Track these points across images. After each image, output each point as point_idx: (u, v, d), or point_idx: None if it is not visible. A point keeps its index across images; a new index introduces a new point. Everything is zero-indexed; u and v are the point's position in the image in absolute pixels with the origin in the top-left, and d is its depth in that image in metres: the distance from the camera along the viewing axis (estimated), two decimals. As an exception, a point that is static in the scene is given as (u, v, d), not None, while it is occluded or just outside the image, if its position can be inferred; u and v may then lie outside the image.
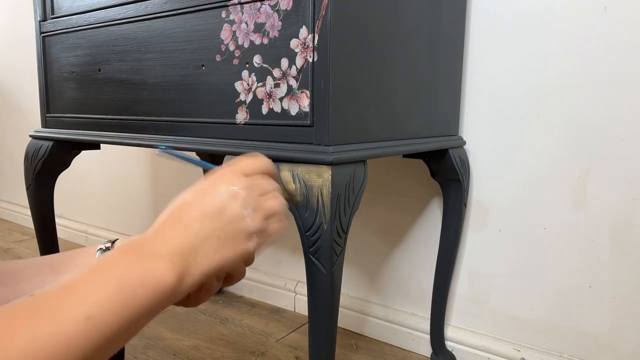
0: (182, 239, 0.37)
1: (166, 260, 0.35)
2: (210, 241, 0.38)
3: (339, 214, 0.56)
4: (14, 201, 2.17)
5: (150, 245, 0.36)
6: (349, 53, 0.59)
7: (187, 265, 0.36)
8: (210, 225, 0.38)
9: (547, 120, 0.85)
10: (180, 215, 0.39)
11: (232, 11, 0.65)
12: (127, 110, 0.82)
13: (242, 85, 0.65)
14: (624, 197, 0.80)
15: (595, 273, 0.84)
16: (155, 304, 0.33)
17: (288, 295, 1.26)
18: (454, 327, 1.01)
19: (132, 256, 0.34)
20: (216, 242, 0.38)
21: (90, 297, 0.30)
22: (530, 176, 0.88)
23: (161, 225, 0.38)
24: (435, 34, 0.78)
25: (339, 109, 0.58)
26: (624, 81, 0.78)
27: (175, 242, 0.37)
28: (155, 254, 0.35)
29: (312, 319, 0.59)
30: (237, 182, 0.41)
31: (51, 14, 0.93)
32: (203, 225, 0.38)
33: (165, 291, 0.34)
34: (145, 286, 0.33)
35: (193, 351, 1.03)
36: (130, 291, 0.32)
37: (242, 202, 0.40)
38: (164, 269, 0.34)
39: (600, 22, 0.79)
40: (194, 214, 0.39)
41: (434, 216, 1.01)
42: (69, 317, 0.29)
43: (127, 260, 0.34)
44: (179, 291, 0.35)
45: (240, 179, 0.41)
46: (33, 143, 1.00)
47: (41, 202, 1.02)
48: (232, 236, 0.39)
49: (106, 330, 0.30)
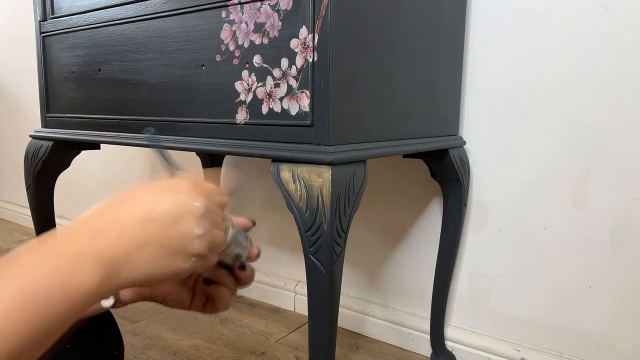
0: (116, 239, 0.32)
1: (91, 264, 0.30)
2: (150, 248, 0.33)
3: (339, 214, 0.56)
4: (14, 201, 2.17)
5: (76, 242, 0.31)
6: (349, 53, 0.59)
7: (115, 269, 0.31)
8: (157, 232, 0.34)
9: (547, 120, 0.85)
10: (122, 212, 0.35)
11: (232, 11, 0.65)
12: (127, 110, 0.82)
13: (242, 85, 0.65)
14: (624, 197, 0.80)
15: (595, 273, 0.84)
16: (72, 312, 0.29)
17: (288, 295, 1.26)
18: (454, 327, 1.01)
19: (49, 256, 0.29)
20: (156, 250, 0.34)
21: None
22: (530, 176, 0.88)
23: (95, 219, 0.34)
24: (435, 34, 0.78)
25: (339, 109, 0.58)
26: (624, 81, 0.78)
27: (107, 242, 0.32)
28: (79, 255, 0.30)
29: (312, 319, 0.59)
30: (199, 200, 0.37)
31: (51, 14, 0.93)
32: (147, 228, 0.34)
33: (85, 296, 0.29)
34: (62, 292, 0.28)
35: (193, 351, 1.03)
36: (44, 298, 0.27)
37: (198, 220, 0.36)
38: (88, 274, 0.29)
39: (600, 22, 0.79)
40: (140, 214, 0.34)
41: (434, 216, 1.01)
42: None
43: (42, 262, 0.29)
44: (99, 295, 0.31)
45: (202, 198, 0.37)
46: (33, 143, 1.00)
47: (41, 202, 1.02)
48: (175, 250, 0.35)
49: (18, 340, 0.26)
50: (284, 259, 1.28)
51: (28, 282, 0.27)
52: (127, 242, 0.33)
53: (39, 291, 0.27)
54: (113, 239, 0.32)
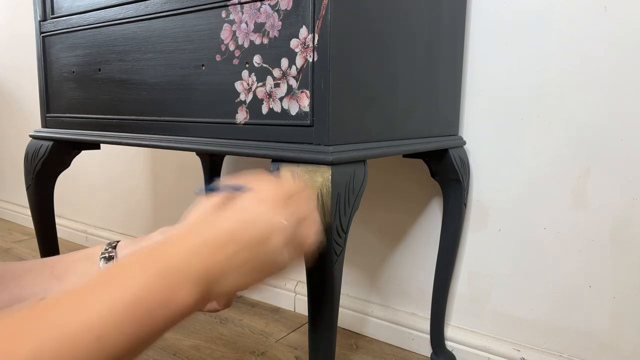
0: (213, 260, 0.34)
1: (190, 283, 0.32)
2: (242, 268, 0.36)
3: (339, 214, 0.56)
4: (14, 201, 2.17)
5: (175, 261, 0.33)
6: (349, 53, 0.59)
7: (211, 288, 0.34)
8: (249, 254, 0.36)
9: (547, 120, 0.85)
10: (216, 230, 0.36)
11: (232, 11, 0.65)
12: (127, 110, 0.82)
13: (242, 85, 0.65)
14: (624, 197, 0.80)
15: (595, 273, 0.84)
16: (170, 324, 0.31)
17: (288, 295, 1.26)
18: (454, 327, 1.01)
19: (154, 272, 0.31)
20: (248, 269, 0.36)
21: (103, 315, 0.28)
22: (530, 176, 0.88)
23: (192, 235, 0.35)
24: (435, 34, 0.78)
25: (339, 109, 0.58)
26: (624, 81, 0.78)
27: (204, 263, 0.34)
28: (180, 274, 0.32)
29: (312, 319, 0.59)
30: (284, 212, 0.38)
31: (51, 14, 0.93)
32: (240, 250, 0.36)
33: (182, 313, 0.32)
34: (163, 308, 0.30)
35: (193, 351, 1.03)
36: (146, 311, 0.29)
37: (286, 237, 0.38)
38: (187, 292, 0.32)
39: (600, 22, 0.79)
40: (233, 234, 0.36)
41: (434, 216, 1.01)
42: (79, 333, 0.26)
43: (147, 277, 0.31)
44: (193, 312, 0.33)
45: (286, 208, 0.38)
46: (33, 143, 1.00)
47: (41, 202, 1.02)
48: (265, 268, 0.37)
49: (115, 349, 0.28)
50: (284, 259, 1.28)
51: (133, 295, 0.29)
52: (222, 264, 0.35)
53: (143, 305, 0.29)
54: (209, 260, 0.34)
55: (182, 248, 0.34)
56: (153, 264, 0.32)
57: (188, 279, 0.32)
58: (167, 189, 1.55)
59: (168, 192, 1.55)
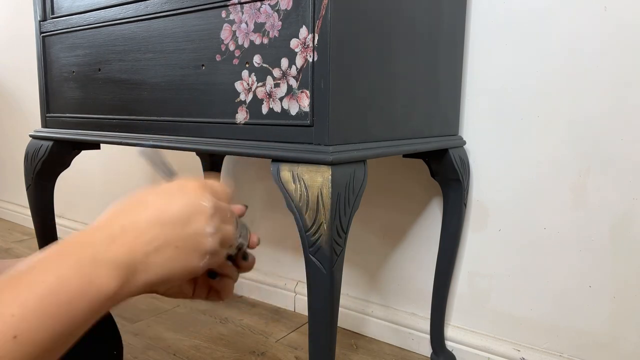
0: (134, 243, 0.33)
1: (110, 267, 0.31)
2: (166, 250, 0.35)
3: (339, 214, 0.56)
4: (14, 201, 2.17)
5: (94, 248, 0.32)
6: (349, 53, 0.59)
7: (134, 272, 0.33)
8: (171, 233, 0.35)
9: (547, 120, 0.85)
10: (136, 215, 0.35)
11: (232, 11, 0.65)
12: (127, 110, 0.82)
13: (242, 85, 0.65)
14: (624, 197, 0.80)
15: (595, 273, 0.84)
16: (92, 314, 0.30)
17: (288, 295, 1.26)
18: (454, 327, 1.01)
19: (70, 261, 0.30)
20: (172, 251, 0.35)
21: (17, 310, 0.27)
22: (531, 176, 0.88)
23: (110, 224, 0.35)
24: (435, 34, 0.78)
25: (339, 109, 0.58)
26: (624, 81, 0.78)
27: (125, 247, 0.33)
28: (98, 260, 0.31)
29: (312, 319, 0.59)
30: (206, 199, 0.38)
31: (51, 14, 0.93)
32: (162, 231, 0.35)
33: (104, 300, 0.30)
34: (83, 296, 0.29)
35: (193, 351, 1.03)
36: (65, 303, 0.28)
37: (208, 219, 0.37)
38: (107, 278, 0.31)
39: (600, 22, 0.79)
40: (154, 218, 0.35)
41: (434, 216, 1.01)
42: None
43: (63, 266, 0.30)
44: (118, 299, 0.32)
45: (209, 197, 0.38)
46: (33, 143, 1.00)
47: (41, 202, 1.02)
48: (189, 249, 0.36)
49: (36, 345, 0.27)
50: (284, 259, 1.28)
51: (50, 287, 0.28)
52: (144, 246, 0.34)
53: (61, 295, 0.28)
54: (130, 243, 0.33)
55: (98, 236, 0.33)
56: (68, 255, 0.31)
57: (108, 264, 0.31)
58: (167, 189, 1.55)
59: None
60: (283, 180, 0.58)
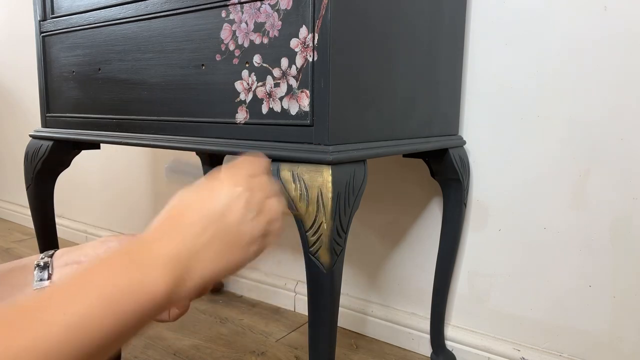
0: (181, 243, 0.34)
1: (158, 268, 0.32)
2: (213, 244, 0.35)
3: (339, 214, 0.56)
4: (14, 201, 2.17)
5: (142, 251, 0.33)
6: (349, 52, 0.59)
7: (186, 270, 0.34)
8: (215, 228, 0.36)
9: (547, 120, 0.85)
10: (179, 217, 0.36)
11: (232, 11, 0.65)
12: (127, 110, 0.82)
13: (242, 84, 0.65)
14: (624, 197, 0.80)
15: (595, 273, 0.84)
16: (144, 313, 0.31)
17: (288, 295, 1.26)
18: (454, 327, 1.01)
19: (119, 263, 0.32)
20: (220, 245, 0.36)
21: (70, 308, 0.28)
22: (530, 176, 0.88)
23: (157, 228, 0.36)
24: (435, 34, 0.78)
25: (339, 109, 0.58)
26: (624, 81, 0.78)
27: (171, 247, 0.34)
28: (146, 261, 0.32)
29: (312, 319, 0.59)
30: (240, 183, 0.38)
31: (51, 13, 0.93)
32: (205, 228, 0.36)
33: (155, 300, 0.31)
34: (135, 297, 0.30)
35: (193, 351, 1.03)
36: (114, 301, 0.29)
37: (245, 203, 0.37)
38: (155, 278, 0.32)
39: (600, 21, 0.79)
40: (195, 216, 0.36)
41: (434, 216, 1.01)
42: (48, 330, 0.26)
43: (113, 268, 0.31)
44: (175, 298, 0.33)
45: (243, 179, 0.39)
46: (33, 143, 1.00)
47: (41, 201, 1.02)
48: (236, 240, 0.37)
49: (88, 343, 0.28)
50: (284, 259, 1.28)
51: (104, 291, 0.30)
52: (191, 244, 0.35)
53: (114, 299, 0.30)
54: (178, 243, 0.34)
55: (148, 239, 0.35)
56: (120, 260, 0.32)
57: (156, 266, 0.32)
58: (166, 189, 1.55)
59: (167, 192, 1.55)
60: (283, 180, 0.58)
